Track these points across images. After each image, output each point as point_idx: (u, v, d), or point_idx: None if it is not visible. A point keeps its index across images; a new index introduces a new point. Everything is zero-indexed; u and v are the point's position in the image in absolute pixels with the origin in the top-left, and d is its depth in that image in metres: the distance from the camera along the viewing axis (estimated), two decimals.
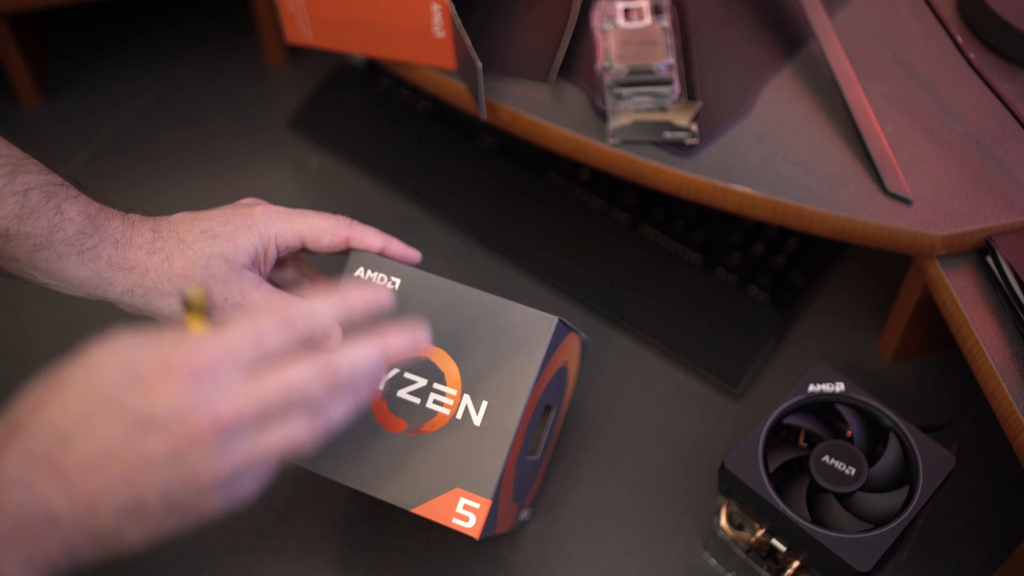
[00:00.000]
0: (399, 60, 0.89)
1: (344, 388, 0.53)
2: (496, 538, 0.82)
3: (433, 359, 0.71)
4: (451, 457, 0.69)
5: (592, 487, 0.84)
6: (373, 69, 1.07)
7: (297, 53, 1.11)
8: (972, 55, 0.82)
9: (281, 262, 0.78)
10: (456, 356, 0.71)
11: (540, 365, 0.70)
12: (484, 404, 0.70)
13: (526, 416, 0.70)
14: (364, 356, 0.54)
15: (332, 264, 0.79)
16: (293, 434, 0.51)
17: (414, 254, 0.77)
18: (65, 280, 0.68)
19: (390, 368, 0.71)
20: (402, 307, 0.72)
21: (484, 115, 0.85)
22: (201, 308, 0.55)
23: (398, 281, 0.73)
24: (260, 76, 1.11)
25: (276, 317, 0.52)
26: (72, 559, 0.49)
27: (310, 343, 0.53)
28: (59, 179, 0.69)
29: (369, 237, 0.75)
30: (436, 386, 0.71)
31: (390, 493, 0.69)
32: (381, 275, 0.73)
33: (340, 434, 0.71)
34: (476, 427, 0.69)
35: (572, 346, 0.76)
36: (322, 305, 0.54)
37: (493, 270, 0.96)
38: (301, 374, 0.51)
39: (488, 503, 0.68)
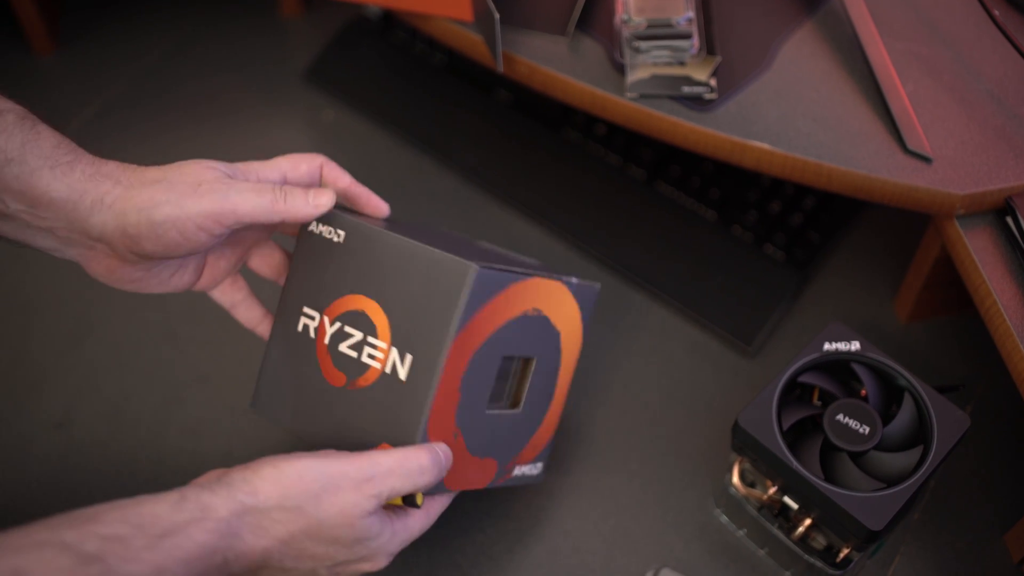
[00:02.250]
0: (415, 11, 0.88)
1: None
2: (507, 493, 0.82)
3: (368, 312, 0.70)
4: (381, 411, 0.68)
5: (604, 443, 0.84)
6: (388, 21, 1.06)
7: (312, 5, 1.11)
8: (997, 12, 0.81)
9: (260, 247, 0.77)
10: (386, 309, 0.69)
11: (460, 314, 0.66)
12: (409, 357, 0.68)
13: (452, 367, 0.67)
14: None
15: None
16: None
17: (381, 203, 0.75)
18: (34, 201, 0.64)
19: (333, 320, 0.71)
20: (346, 261, 0.71)
21: (501, 67, 0.84)
22: (412, 504, 0.67)
23: (343, 234, 0.71)
24: (274, 28, 1.10)
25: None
26: None
27: None
28: (30, 113, 0.67)
29: (338, 172, 0.74)
30: (369, 339, 0.69)
31: (329, 447, 0.68)
32: (330, 228, 0.72)
33: (292, 385, 0.71)
34: (402, 381, 0.68)
35: (541, 293, 0.72)
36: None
37: (507, 225, 0.96)
38: None
39: None
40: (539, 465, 0.79)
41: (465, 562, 0.79)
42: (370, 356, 0.69)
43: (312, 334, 0.71)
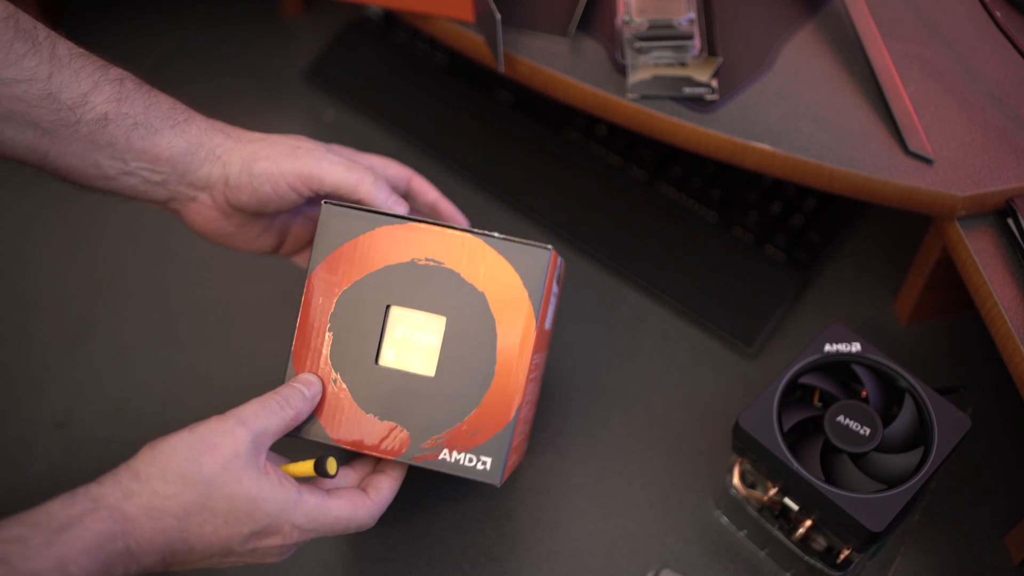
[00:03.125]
0: (417, 11, 0.88)
1: None
2: (507, 493, 0.82)
3: None
4: None
5: (605, 444, 0.84)
6: (390, 21, 1.06)
7: (313, 4, 1.11)
8: (998, 14, 0.81)
9: None
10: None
11: (315, 247, 0.71)
12: None
13: (313, 301, 0.70)
14: None
15: None
16: None
17: (462, 220, 0.82)
18: (156, 157, 0.71)
19: None
20: None
21: (502, 68, 0.84)
22: (324, 473, 0.66)
23: None
24: (276, 28, 1.10)
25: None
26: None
27: None
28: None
29: (427, 186, 0.80)
30: None
31: None
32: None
33: None
34: None
35: (438, 243, 0.70)
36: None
37: (507, 225, 0.96)
38: None
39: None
40: (487, 461, 0.69)
41: (466, 563, 0.79)
42: None
43: None
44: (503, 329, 0.69)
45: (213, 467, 0.62)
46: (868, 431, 0.71)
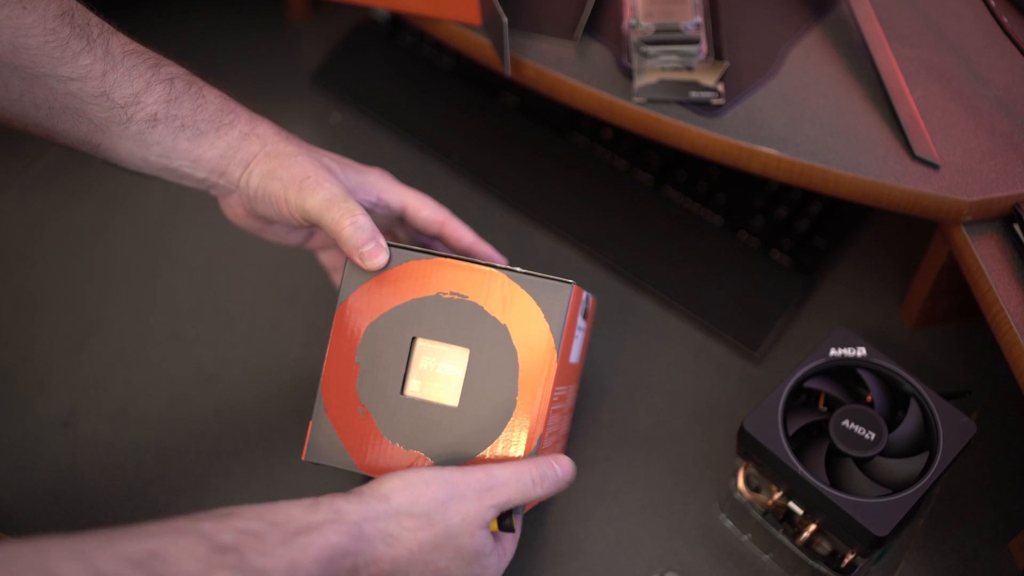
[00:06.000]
0: (423, 14, 0.89)
1: None
2: None
3: None
4: None
5: (610, 447, 0.84)
6: (396, 24, 1.06)
7: (320, 7, 1.11)
8: (1005, 19, 0.81)
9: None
10: None
11: (343, 280, 0.72)
12: None
13: (342, 333, 0.72)
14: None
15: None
16: None
17: (500, 258, 0.81)
18: (198, 158, 0.73)
19: None
20: None
21: (509, 71, 0.84)
22: (508, 528, 0.68)
23: None
24: (283, 30, 1.10)
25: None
26: None
27: None
28: (192, 73, 0.74)
29: (463, 231, 0.80)
30: None
31: None
32: None
33: None
34: None
35: (461, 277, 0.71)
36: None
37: (514, 230, 0.96)
38: None
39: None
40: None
41: None
42: None
43: None
44: (525, 361, 0.70)
45: (455, 517, 0.64)
46: (873, 435, 0.71)
